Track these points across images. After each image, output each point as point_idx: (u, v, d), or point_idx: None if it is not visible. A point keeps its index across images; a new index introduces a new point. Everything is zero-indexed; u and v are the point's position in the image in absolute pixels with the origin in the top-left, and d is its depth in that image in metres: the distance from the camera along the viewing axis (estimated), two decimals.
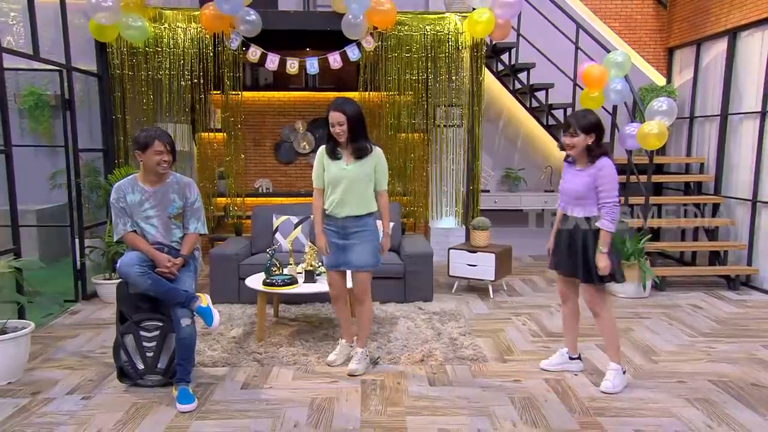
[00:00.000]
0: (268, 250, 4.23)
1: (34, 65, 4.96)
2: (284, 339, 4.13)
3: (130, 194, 3.27)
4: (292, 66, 5.65)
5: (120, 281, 3.34)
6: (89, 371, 3.59)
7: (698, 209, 6.12)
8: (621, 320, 4.61)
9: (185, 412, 3.04)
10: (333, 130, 3.35)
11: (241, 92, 6.06)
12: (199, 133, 6.41)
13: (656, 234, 6.03)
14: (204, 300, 3.29)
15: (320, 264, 4.07)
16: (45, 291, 4.25)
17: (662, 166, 6.76)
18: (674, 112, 5.33)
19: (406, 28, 5.81)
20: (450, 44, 5.87)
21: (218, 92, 6.13)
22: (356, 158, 3.41)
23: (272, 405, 3.14)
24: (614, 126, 6.09)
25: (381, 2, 5.44)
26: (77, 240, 5.13)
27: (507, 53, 6.31)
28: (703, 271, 5.83)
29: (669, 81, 7.06)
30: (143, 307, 3.34)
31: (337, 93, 6.07)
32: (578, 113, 3.28)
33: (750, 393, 3.30)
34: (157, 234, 3.31)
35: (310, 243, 4.24)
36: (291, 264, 4.30)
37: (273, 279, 4.01)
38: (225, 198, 6.41)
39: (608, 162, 3.21)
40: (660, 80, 7.06)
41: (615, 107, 5.97)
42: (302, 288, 4.02)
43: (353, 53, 5.63)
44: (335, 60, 5.67)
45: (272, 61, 5.62)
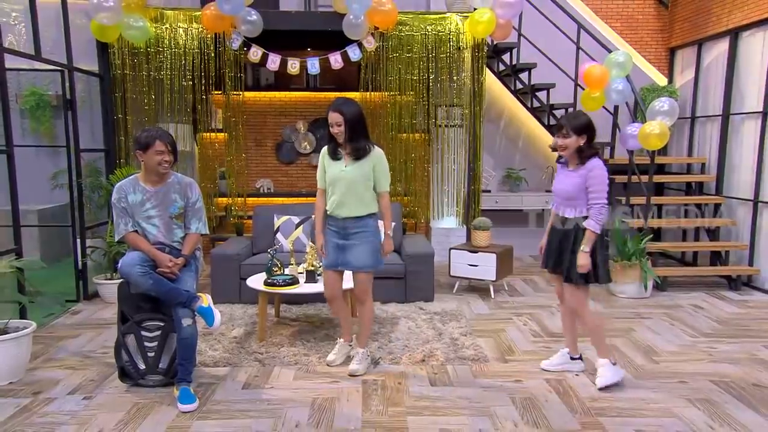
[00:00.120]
0: (270, 250, 4.24)
1: (36, 65, 4.97)
2: (285, 339, 4.13)
3: (132, 194, 3.27)
4: (293, 66, 5.65)
5: (121, 281, 3.35)
6: (90, 371, 3.60)
7: (699, 209, 6.12)
8: (622, 320, 4.62)
9: (186, 412, 3.05)
10: (332, 130, 3.37)
11: (243, 92, 6.07)
12: (201, 133, 6.41)
13: (657, 234, 6.03)
14: (205, 300, 3.29)
15: (321, 264, 4.07)
16: (46, 291, 4.26)
17: (663, 167, 6.76)
18: (675, 112, 5.33)
19: (407, 29, 5.81)
20: (451, 44, 5.87)
21: (219, 92, 6.13)
22: (354, 159, 3.40)
23: (273, 405, 3.15)
24: (616, 126, 6.09)
25: (382, 2, 5.44)
26: (79, 240, 5.14)
27: (508, 53, 6.30)
28: (705, 272, 5.83)
29: (670, 81, 7.06)
30: (144, 307, 3.34)
31: (338, 93, 6.06)
32: (570, 115, 3.33)
33: (751, 393, 3.30)
34: (159, 234, 3.31)
35: (311, 243, 4.24)
36: (292, 264, 4.30)
37: (274, 279, 4.02)
38: (226, 198, 6.41)
39: (599, 163, 3.24)
40: (661, 80, 7.06)
41: (616, 107, 5.98)
42: (303, 288, 4.02)
43: (354, 53, 5.63)
44: (336, 60, 5.68)
45: (273, 62, 5.62)
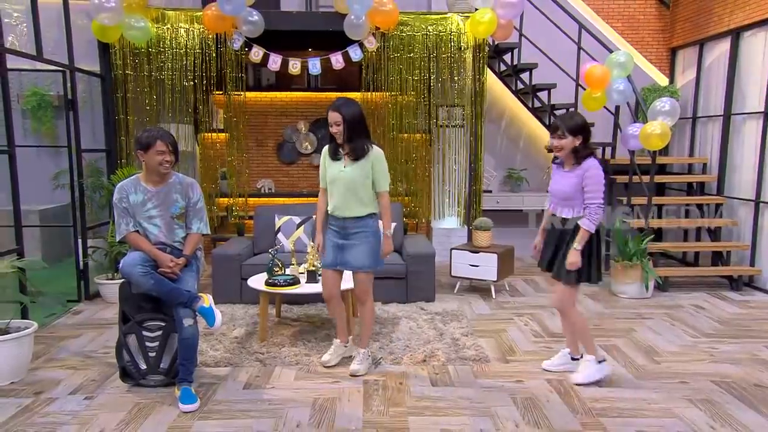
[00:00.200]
0: (271, 251, 4.24)
1: (38, 66, 4.97)
2: (286, 339, 4.13)
3: (133, 194, 3.28)
4: (295, 66, 5.66)
5: (123, 281, 3.35)
6: (92, 371, 3.60)
7: (701, 210, 6.12)
8: (623, 321, 4.61)
9: (188, 412, 3.05)
10: (331, 130, 3.38)
11: (244, 93, 6.08)
12: (202, 134, 6.42)
13: (659, 234, 6.03)
14: (206, 300, 3.29)
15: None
16: (48, 291, 4.27)
17: (665, 167, 6.75)
18: (677, 113, 5.32)
19: (409, 29, 5.81)
20: (452, 44, 5.87)
21: (221, 93, 6.13)
22: (353, 159, 3.40)
23: (274, 405, 3.15)
24: (617, 126, 6.09)
25: (383, 2, 5.45)
26: (80, 240, 5.15)
27: (509, 53, 6.30)
28: (706, 272, 5.82)
29: (672, 81, 7.05)
30: (146, 307, 3.35)
31: (340, 93, 6.07)
32: (565, 115, 3.33)
33: (753, 394, 3.30)
34: (160, 234, 3.31)
35: (312, 243, 4.23)
36: (293, 264, 4.30)
37: (275, 279, 4.02)
38: (227, 198, 6.42)
39: (594, 163, 3.24)
40: (663, 80, 7.05)
41: (617, 107, 5.97)
42: (304, 288, 4.02)
43: (355, 54, 5.63)
44: (337, 60, 5.68)
45: (275, 62, 5.63)
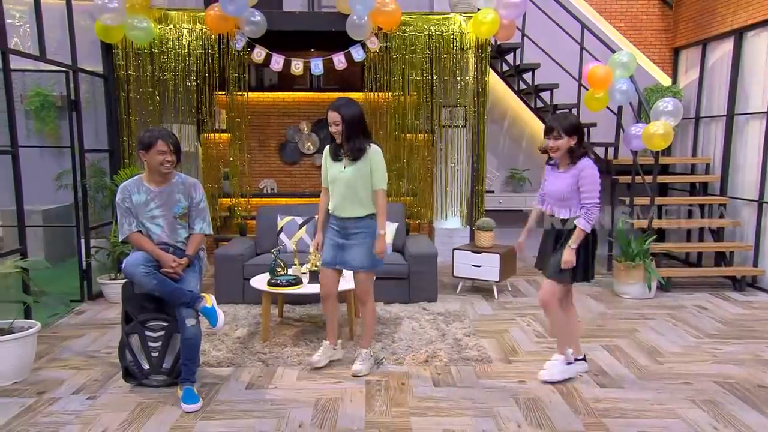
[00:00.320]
0: (273, 251, 4.24)
1: (41, 66, 4.98)
2: (289, 339, 4.13)
3: (136, 194, 3.28)
4: (297, 67, 5.66)
5: (125, 281, 3.36)
6: (95, 371, 3.61)
7: (703, 210, 6.10)
8: (626, 321, 4.61)
9: (190, 412, 3.05)
10: (330, 130, 3.38)
11: (246, 93, 6.08)
12: (204, 134, 6.43)
13: (661, 235, 6.01)
14: (209, 300, 3.30)
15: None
16: (51, 291, 4.28)
17: (668, 167, 6.74)
18: (680, 113, 5.30)
19: (411, 29, 5.81)
20: (454, 45, 5.86)
21: (223, 93, 6.15)
22: (353, 160, 3.40)
23: (277, 405, 3.15)
24: (619, 126, 6.08)
25: (385, 3, 5.44)
26: (83, 240, 5.15)
27: (512, 54, 6.30)
28: (709, 272, 5.80)
29: (674, 81, 7.04)
30: (148, 308, 3.35)
31: (342, 93, 6.07)
32: (559, 116, 3.30)
33: (756, 394, 3.29)
34: (163, 234, 3.32)
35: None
36: (296, 264, 4.31)
37: (277, 279, 4.02)
38: (230, 198, 6.42)
39: (589, 162, 3.24)
40: (665, 80, 7.04)
41: (620, 108, 5.96)
42: (307, 288, 4.02)
43: (358, 54, 5.63)
44: (340, 61, 5.68)
45: (277, 62, 5.63)
